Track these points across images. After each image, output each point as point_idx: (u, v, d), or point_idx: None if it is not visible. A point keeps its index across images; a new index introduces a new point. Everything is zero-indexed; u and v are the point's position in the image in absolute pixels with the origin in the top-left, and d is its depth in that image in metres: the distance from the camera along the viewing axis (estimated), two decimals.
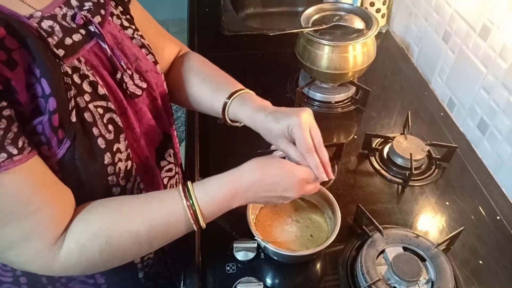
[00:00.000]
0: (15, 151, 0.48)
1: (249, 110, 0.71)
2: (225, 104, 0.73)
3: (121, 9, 0.69)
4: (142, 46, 0.70)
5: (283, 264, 0.77)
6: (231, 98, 0.72)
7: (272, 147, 0.74)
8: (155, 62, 0.72)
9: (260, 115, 0.69)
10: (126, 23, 0.68)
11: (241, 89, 0.74)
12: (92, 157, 0.57)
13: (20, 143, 0.49)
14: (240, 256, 0.76)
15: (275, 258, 0.76)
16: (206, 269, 0.76)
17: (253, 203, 0.71)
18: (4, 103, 0.47)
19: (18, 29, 0.49)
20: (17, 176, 0.49)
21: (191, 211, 0.59)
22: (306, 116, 0.66)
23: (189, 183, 0.61)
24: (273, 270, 0.77)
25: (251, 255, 0.76)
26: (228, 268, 0.76)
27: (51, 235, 0.54)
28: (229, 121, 0.75)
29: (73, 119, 0.54)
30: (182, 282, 0.77)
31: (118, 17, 0.67)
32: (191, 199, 0.60)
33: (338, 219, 0.74)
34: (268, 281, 0.75)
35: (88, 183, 0.59)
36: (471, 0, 0.99)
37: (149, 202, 0.61)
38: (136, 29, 0.70)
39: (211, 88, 0.76)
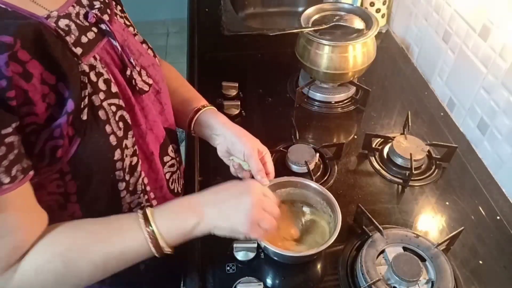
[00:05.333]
0: (6, 180, 0.48)
1: (224, 119, 0.80)
2: (197, 110, 0.81)
3: (120, 8, 0.71)
4: (143, 42, 0.73)
5: (283, 264, 0.77)
6: (205, 108, 0.81)
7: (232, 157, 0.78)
8: (154, 56, 0.75)
9: (235, 127, 0.79)
10: (127, 22, 0.71)
11: (208, 105, 0.83)
12: (103, 153, 0.59)
13: (13, 172, 0.49)
14: (240, 256, 0.76)
15: (275, 258, 0.76)
16: (206, 269, 0.76)
17: (214, 226, 0.64)
18: (10, 129, 0.48)
19: (34, 34, 0.49)
20: (1, 202, 0.49)
21: (152, 239, 0.59)
22: (254, 144, 0.76)
23: (148, 210, 0.62)
24: (273, 270, 0.77)
25: (251, 255, 0.76)
26: (228, 268, 0.76)
27: (10, 261, 0.54)
28: (192, 128, 0.82)
29: (84, 117, 0.55)
30: (182, 282, 0.77)
31: (121, 16, 0.69)
32: (151, 226, 0.60)
33: (339, 220, 0.74)
34: (268, 281, 0.75)
35: (97, 178, 0.61)
36: (471, 0, 0.99)
37: (110, 231, 0.60)
38: (133, 26, 0.73)
39: (181, 99, 0.84)
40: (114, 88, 0.60)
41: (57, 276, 0.57)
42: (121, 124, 0.61)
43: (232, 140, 0.76)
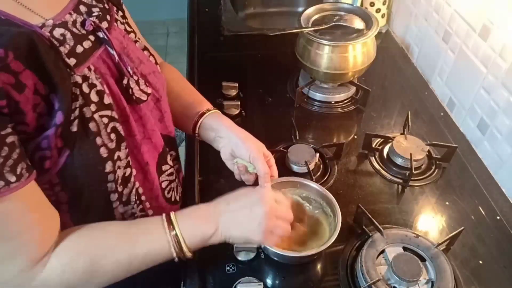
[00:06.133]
0: (13, 179, 0.49)
1: (229, 122, 0.80)
2: (202, 114, 0.80)
3: (121, 14, 0.70)
4: (144, 48, 0.71)
5: (283, 264, 0.77)
6: (210, 111, 0.81)
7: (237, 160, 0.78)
8: (156, 63, 0.73)
9: (240, 130, 0.78)
10: (128, 28, 0.69)
11: (212, 108, 0.83)
12: (93, 166, 0.58)
13: (18, 170, 0.49)
14: (240, 256, 0.76)
15: (275, 258, 0.76)
16: (206, 269, 0.76)
17: (230, 235, 0.67)
18: (9, 130, 0.48)
19: (27, 44, 0.48)
20: (11, 201, 0.50)
21: (175, 242, 0.62)
22: (258, 147, 0.76)
23: (172, 214, 0.64)
24: (273, 270, 0.77)
25: (251, 255, 0.76)
26: (228, 268, 0.76)
27: (33, 257, 0.55)
28: (196, 131, 0.82)
29: (74, 129, 0.54)
30: (182, 282, 0.77)
31: (121, 22, 0.68)
32: (175, 230, 0.63)
33: (339, 220, 0.74)
34: (268, 281, 0.75)
35: (87, 191, 0.60)
36: (471, 0, 0.99)
37: (134, 233, 0.63)
38: (135, 32, 0.72)
39: (185, 103, 0.83)
40: (107, 100, 0.59)
41: (82, 274, 0.58)
42: (113, 135, 0.60)
43: (236, 142, 0.76)
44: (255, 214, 0.66)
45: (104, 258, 0.59)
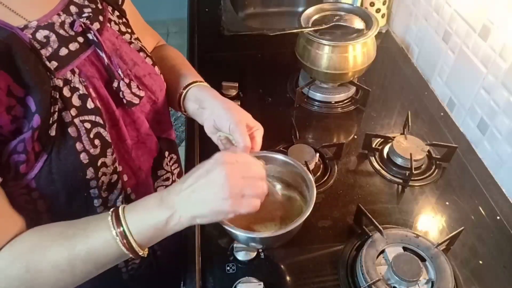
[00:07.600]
0: None
1: (215, 93, 0.73)
2: (188, 85, 0.74)
3: (118, 14, 0.68)
4: (140, 50, 0.69)
5: (283, 264, 0.77)
6: (197, 83, 0.75)
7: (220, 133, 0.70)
8: (154, 64, 0.71)
9: (225, 100, 0.71)
10: (123, 28, 0.67)
11: (202, 81, 0.77)
12: (72, 171, 0.56)
13: None
14: (240, 256, 0.76)
15: (252, 244, 0.70)
16: (206, 269, 0.76)
17: (193, 215, 0.56)
18: None
19: (3, 46, 0.47)
20: None
21: (123, 239, 0.54)
22: (241, 117, 0.68)
23: (120, 208, 0.56)
24: (273, 270, 0.77)
25: (251, 255, 0.76)
26: (228, 268, 0.76)
27: None
28: (181, 104, 0.75)
29: (52, 133, 0.53)
30: (182, 282, 0.77)
31: (116, 23, 0.66)
32: (122, 226, 0.54)
33: (313, 194, 0.67)
34: (268, 281, 0.75)
35: (66, 196, 0.58)
36: (471, 0, 0.99)
37: (74, 232, 0.55)
38: (132, 32, 0.70)
39: (176, 76, 0.77)
40: (91, 104, 0.56)
41: (21, 282, 0.53)
42: (97, 141, 0.57)
43: (219, 113, 0.67)
44: (213, 181, 0.55)
45: (41, 262, 0.52)
